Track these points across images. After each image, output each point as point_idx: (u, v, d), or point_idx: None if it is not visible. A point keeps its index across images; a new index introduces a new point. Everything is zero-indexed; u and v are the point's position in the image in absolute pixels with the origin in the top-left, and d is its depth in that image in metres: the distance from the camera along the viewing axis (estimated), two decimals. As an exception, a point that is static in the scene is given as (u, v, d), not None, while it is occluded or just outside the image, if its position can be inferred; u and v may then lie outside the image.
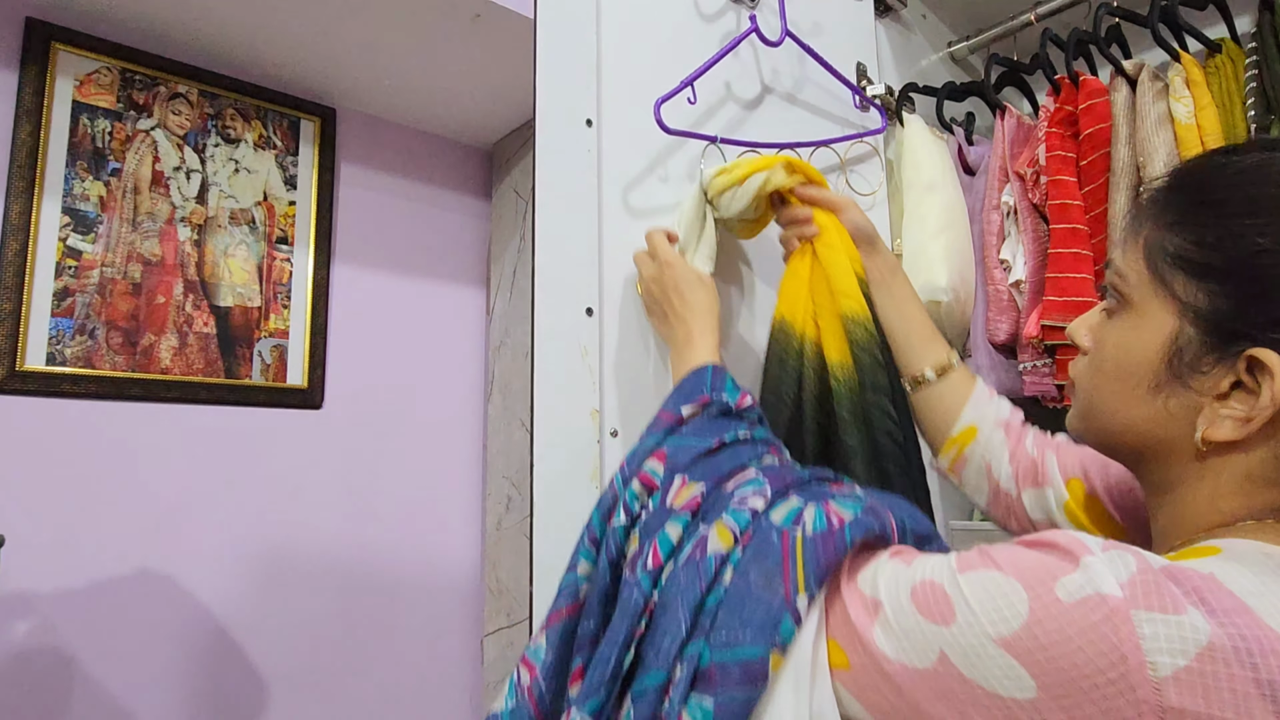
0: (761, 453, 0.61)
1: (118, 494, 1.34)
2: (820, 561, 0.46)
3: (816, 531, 0.47)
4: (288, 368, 1.55)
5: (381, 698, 1.59)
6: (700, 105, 0.91)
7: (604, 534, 0.57)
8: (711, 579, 0.48)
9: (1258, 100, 0.98)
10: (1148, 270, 0.50)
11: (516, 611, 1.61)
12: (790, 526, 0.49)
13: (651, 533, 0.54)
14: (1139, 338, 0.50)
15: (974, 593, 0.40)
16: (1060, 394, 1.08)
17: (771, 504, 0.52)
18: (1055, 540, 0.40)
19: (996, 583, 0.40)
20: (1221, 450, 0.47)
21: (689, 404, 0.65)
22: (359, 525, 1.60)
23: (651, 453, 0.60)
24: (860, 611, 0.44)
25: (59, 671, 1.25)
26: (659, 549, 0.52)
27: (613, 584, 0.55)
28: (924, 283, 1.08)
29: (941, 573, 0.42)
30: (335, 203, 1.68)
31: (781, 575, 0.46)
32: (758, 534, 0.50)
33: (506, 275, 1.80)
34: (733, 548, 0.49)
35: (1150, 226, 0.51)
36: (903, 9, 1.27)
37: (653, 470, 0.59)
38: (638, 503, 0.57)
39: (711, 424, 0.63)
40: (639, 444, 0.63)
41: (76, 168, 1.36)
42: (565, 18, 0.83)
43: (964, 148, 1.24)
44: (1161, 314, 0.49)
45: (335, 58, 1.53)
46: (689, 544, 0.51)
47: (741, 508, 0.52)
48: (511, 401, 1.72)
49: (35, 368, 1.28)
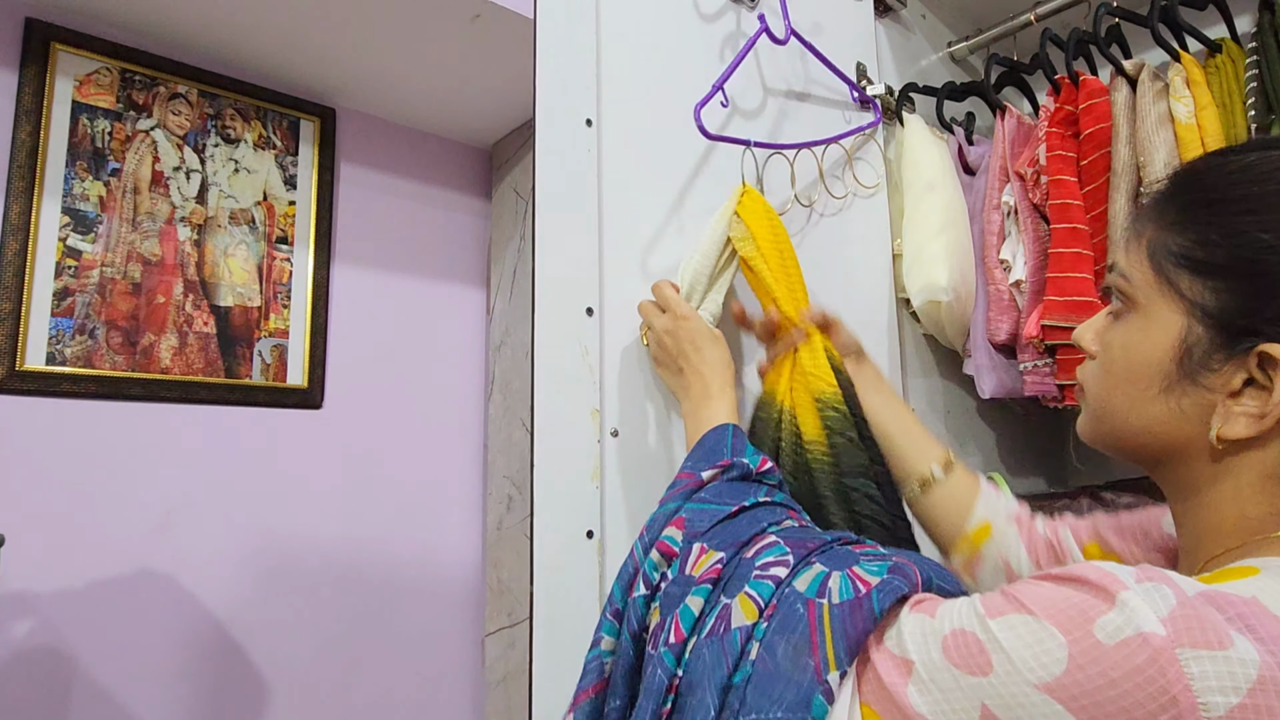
0: (781, 516, 0.60)
1: (118, 494, 1.34)
2: (850, 633, 0.44)
3: (844, 600, 0.46)
4: (288, 367, 1.55)
5: (381, 698, 1.59)
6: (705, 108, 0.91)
7: (626, 606, 0.56)
8: (738, 656, 0.47)
9: (1258, 100, 0.98)
10: (1152, 271, 0.50)
11: (517, 611, 1.61)
12: (815, 596, 0.47)
13: (673, 605, 0.52)
14: (1147, 338, 0.50)
15: (1009, 639, 0.38)
16: (1060, 394, 1.08)
17: (795, 572, 0.50)
18: (1085, 575, 0.39)
19: (1030, 627, 0.38)
20: (1238, 448, 0.46)
21: (710, 467, 0.64)
22: (359, 525, 1.60)
23: (670, 519, 0.59)
24: (892, 672, 0.42)
25: (59, 671, 1.25)
26: (681, 623, 0.51)
27: (637, 658, 0.54)
28: (924, 283, 1.08)
29: (970, 620, 0.41)
30: (335, 203, 1.68)
31: (810, 649, 0.44)
32: (782, 605, 0.48)
33: (506, 275, 1.80)
34: (757, 620, 0.48)
35: (1152, 228, 0.51)
36: (903, 9, 1.27)
37: (671, 538, 0.57)
38: (657, 572, 0.56)
39: (731, 488, 0.62)
40: (659, 508, 0.62)
41: (76, 168, 1.36)
42: (565, 18, 0.83)
43: (964, 148, 1.24)
44: (1169, 314, 0.48)
45: (335, 58, 1.53)
46: (711, 616, 0.50)
47: (764, 577, 0.50)
48: (512, 401, 1.72)
49: (35, 367, 1.28)
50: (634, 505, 0.79)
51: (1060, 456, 1.41)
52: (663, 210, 0.87)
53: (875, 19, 1.20)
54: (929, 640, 0.42)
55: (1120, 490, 1.08)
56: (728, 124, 0.94)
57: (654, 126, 0.85)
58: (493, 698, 1.66)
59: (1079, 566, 0.40)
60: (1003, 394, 1.14)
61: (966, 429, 1.25)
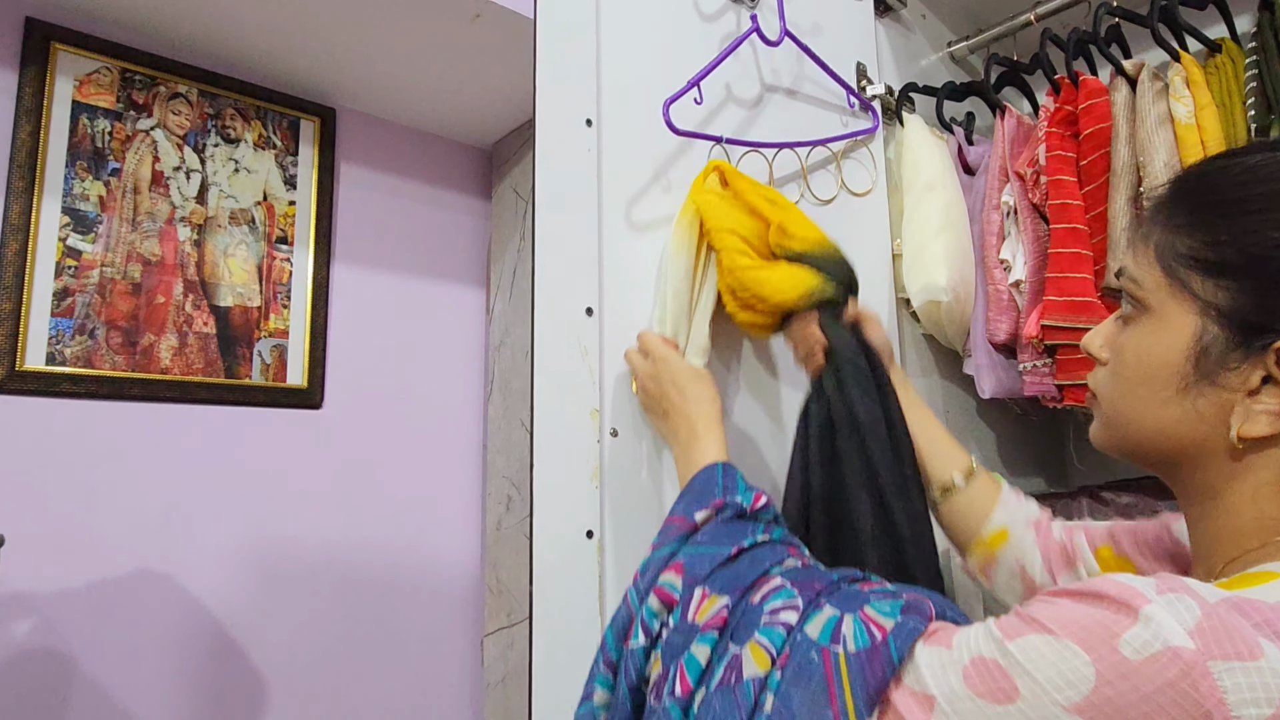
0: (782, 555, 0.58)
1: (118, 494, 1.34)
2: (869, 682, 0.43)
3: (860, 649, 0.45)
4: (287, 368, 1.55)
5: (381, 698, 1.59)
6: (704, 106, 0.91)
7: (621, 656, 0.54)
8: (751, 707, 0.45)
9: (1258, 100, 0.98)
10: (1163, 274, 0.50)
11: (517, 611, 1.61)
12: (829, 643, 0.46)
13: (676, 654, 0.51)
14: (1160, 340, 0.49)
15: (1031, 661, 0.38)
16: (1060, 393, 1.08)
17: (805, 616, 0.49)
18: (1104, 590, 0.39)
19: (1052, 647, 0.38)
20: (1257, 447, 0.46)
21: (701, 509, 0.62)
22: (359, 525, 1.60)
23: (667, 564, 0.57)
24: (914, 710, 0.41)
25: (59, 671, 1.25)
26: (687, 673, 0.49)
27: (635, 712, 0.52)
28: (924, 283, 1.08)
29: (988, 646, 0.40)
30: (335, 203, 1.68)
31: (828, 700, 0.43)
32: (795, 653, 0.46)
33: (506, 275, 1.80)
34: (770, 670, 0.46)
35: (1160, 231, 0.51)
36: (903, 9, 1.27)
37: (669, 584, 0.55)
38: (656, 620, 0.54)
39: (727, 529, 0.60)
40: (651, 554, 0.60)
41: (76, 168, 1.36)
42: (565, 17, 0.83)
43: (964, 148, 1.24)
44: (1182, 315, 0.48)
45: (335, 58, 1.53)
46: (720, 666, 0.48)
47: (774, 623, 0.49)
48: (511, 401, 1.72)
49: (35, 367, 1.28)
50: (634, 505, 0.79)
51: (1060, 456, 1.41)
52: (663, 210, 0.87)
53: (875, 19, 1.20)
54: (948, 671, 0.41)
55: (1120, 490, 1.08)
56: (728, 124, 0.94)
57: (654, 126, 0.85)
58: (491, 698, 1.66)
59: (1095, 581, 0.39)
60: (1002, 394, 1.14)
61: (966, 429, 1.25)
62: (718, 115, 0.94)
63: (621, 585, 0.77)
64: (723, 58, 0.90)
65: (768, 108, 1.00)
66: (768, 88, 1.00)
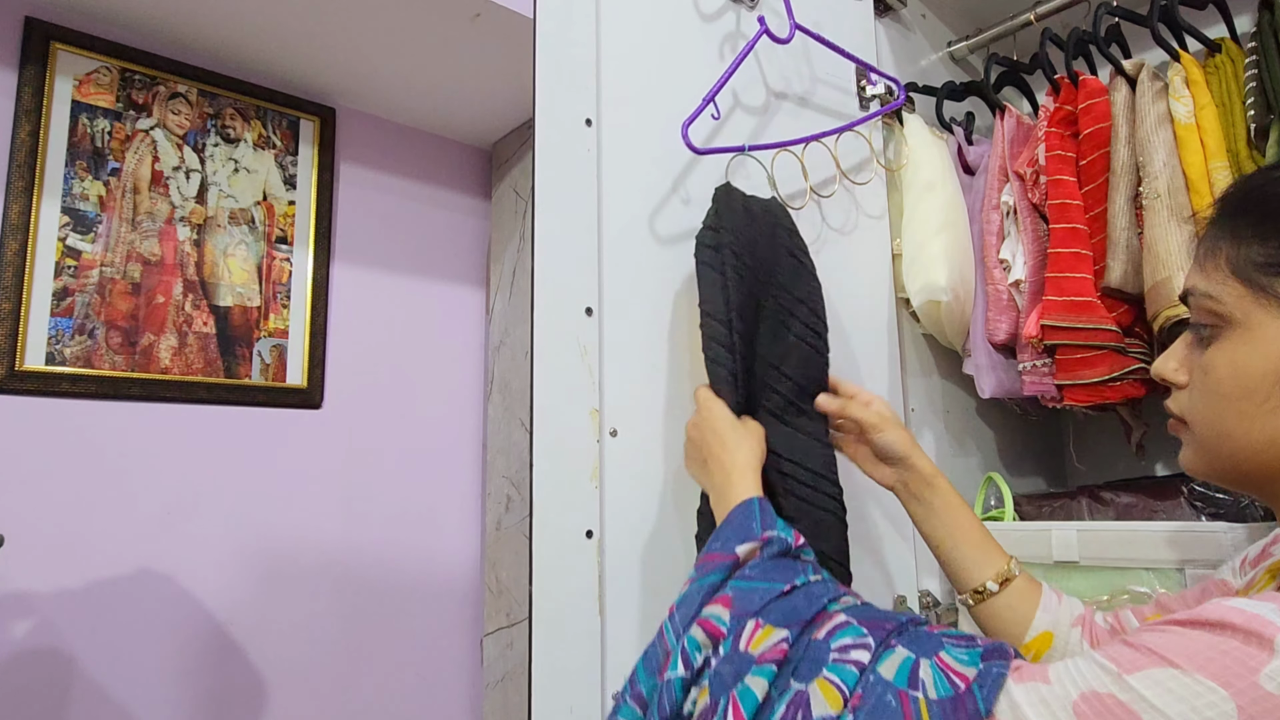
0: (838, 592, 0.56)
1: (118, 494, 1.34)
2: None
3: (943, 697, 0.43)
4: (287, 367, 1.55)
5: (381, 698, 1.59)
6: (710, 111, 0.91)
7: (656, 690, 0.52)
8: None
9: (1257, 100, 0.98)
10: (1243, 285, 0.49)
11: (516, 611, 1.61)
12: (907, 688, 0.44)
13: (727, 686, 0.48)
14: (1255, 351, 0.49)
15: (1159, 697, 0.36)
16: (1059, 393, 1.08)
17: (877, 657, 0.47)
18: (1228, 620, 0.37)
19: (1181, 682, 0.36)
20: None
21: (743, 542, 0.59)
22: (358, 525, 1.60)
23: (712, 598, 0.55)
24: None
25: (59, 671, 1.25)
26: (741, 706, 0.47)
27: None
28: (924, 283, 1.08)
29: (1101, 680, 0.38)
30: (335, 202, 1.68)
31: None
32: (869, 694, 0.44)
33: (506, 275, 1.80)
34: (843, 711, 0.44)
35: (1228, 245, 0.50)
36: (903, 9, 1.27)
37: (716, 616, 0.53)
38: (700, 653, 0.51)
39: (778, 566, 0.57)
40: (688, 589, 0.57)
41: (76, 167, 1.36)
42: (565, 17, 0.83)
43: (964, 147, 1.24)
44: (1274, 322, 0.48)
45: (335, 58, 1.53)
46: (780, 702, 0.46)
47: (845, 661, 0.46)
48: (511, 401, 1.72)
49: (35, 367, 1.28)
50: (633, 505, 0.79)
51: (1060, 456, 1.41)
52: (663, 209, 0.87)
53: (875, 18, 1.20)
54: (1053, 708, 0.39)
55: (1119, 490, 1.08)
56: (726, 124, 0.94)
57: (654, 126, 0.85)
58: (491, 698, 1.66)
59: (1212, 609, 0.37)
60: (1002, 394, 1.14)
61: (966, 429, 1.25)
62: (727, 123, 0.94)
63: (621, 585, 0.77)
64: (735, 66, 0.89)
65: (771, 110, 1.00)
66: (771, 91, 1.00)
